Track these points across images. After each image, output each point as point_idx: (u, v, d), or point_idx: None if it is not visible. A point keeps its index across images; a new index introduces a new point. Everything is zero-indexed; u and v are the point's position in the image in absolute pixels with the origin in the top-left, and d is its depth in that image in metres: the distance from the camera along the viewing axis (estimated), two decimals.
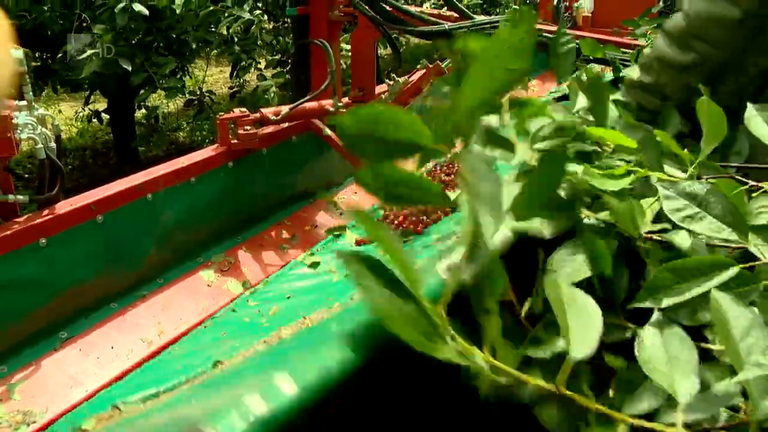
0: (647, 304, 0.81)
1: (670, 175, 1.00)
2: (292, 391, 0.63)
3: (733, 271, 0.80)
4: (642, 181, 0.99)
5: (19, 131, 2.02)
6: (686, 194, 0.90)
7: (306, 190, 3.01)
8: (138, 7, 3.96)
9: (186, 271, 2.46)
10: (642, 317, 0.79)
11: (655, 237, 0.90)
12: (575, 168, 0.95)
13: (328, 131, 2.88)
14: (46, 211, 2.08)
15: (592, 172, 0.93)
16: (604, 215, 0.91)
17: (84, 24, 4.42)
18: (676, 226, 0.89)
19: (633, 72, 1.58)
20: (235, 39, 5.14)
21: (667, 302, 0.80)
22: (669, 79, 1.50)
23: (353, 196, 3.20)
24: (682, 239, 0.88)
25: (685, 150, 1.07)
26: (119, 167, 5.19)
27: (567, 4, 5.89)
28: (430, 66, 2.94)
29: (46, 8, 4.39)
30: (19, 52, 2.08)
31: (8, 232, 1.98)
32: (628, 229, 0.88)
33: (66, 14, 4.50)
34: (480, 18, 2.59)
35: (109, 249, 2.20)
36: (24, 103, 2.08)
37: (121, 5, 3.97)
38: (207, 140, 6.04)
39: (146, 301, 2.29)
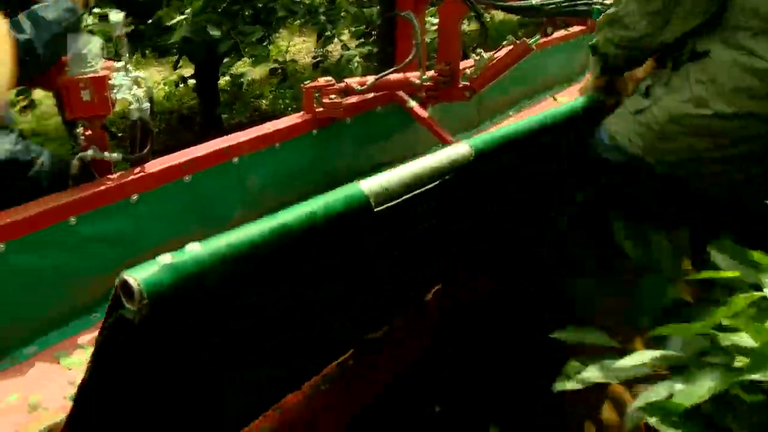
0: None
1: None
2: (196, 249, 0.87)
3: None
4: None
5: (114, 91, 2.08)
6: None
7: (388, 161, 3.02)
8: None
9: None
10: None
11: None
12: None
13: (412, 103, 2.88)
14: (137, 169, 2.15)
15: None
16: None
17: None
18: None
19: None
20: (320, 9, 5.16)
21: None
22: (635, 6, 1.69)
23: None
24: None
25: None
26: (203, 132, 5.30)
27: None
28: (517, 42, 2.90)
29: None
30: (118, 16, 2.15)
31: (102, 188, 2.05)
32: None
33: None
34: None
35: (196, 209, 2.26)
36: (120, 64, 2.14)
37: None
38: (289, 109, 6.10)
39: None
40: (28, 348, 1.98)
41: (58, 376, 1.92)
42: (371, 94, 2.82)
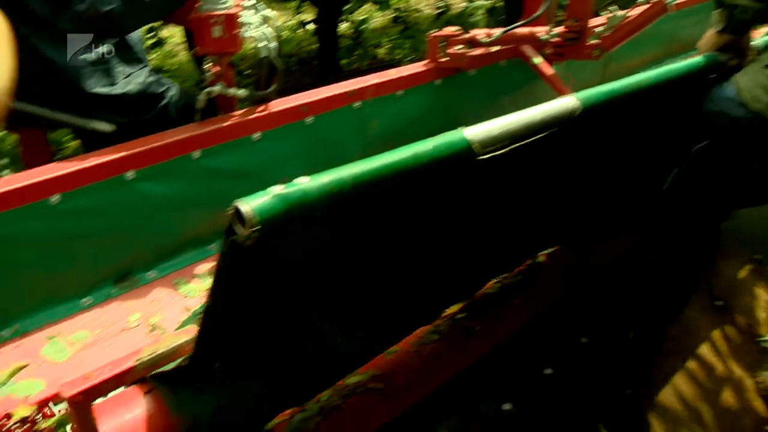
0: None
1: None
2: (305, 181, 0.93)
3: None
4: None
5: (244, 29, 2.11)
6: None
7: None
8: None
9: None
10: None
11: None
12: None
13: (537, 59, 2.80)
14: (261, 108, 2.18)
15: None
16: None
17: None
18: None
19: None
20: None
21: None
22: None
23: None
24: None
25: None
26: (321, 76, 5.33)
27: None
28: (653, 1, 2.76)
29: None
30: None
31: (227, 124, 2.09)
32: None
33: None
34: None
35: (316, 150, 2.28)
36: (250, 2, 2.16)
37: None
38: (407, 58, 6.07)
39: None
40: (149, 273, 2.06)
41: (176, 301, 2.00)
42: (496, 48, 2.76)
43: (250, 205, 0.89)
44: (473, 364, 1.79)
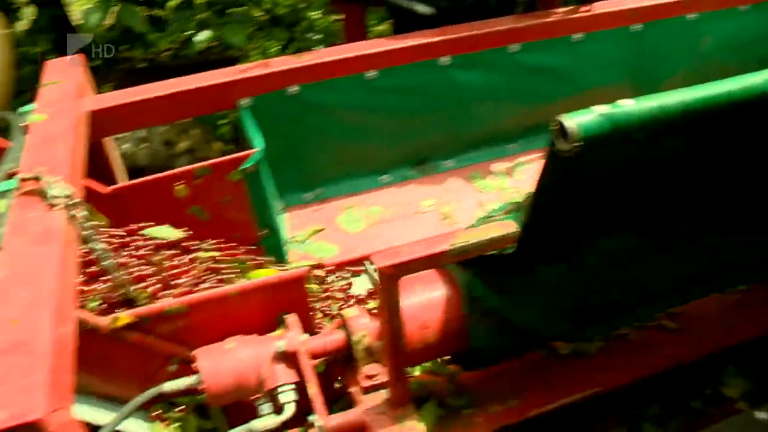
0: None
1: None
2: (630, 104, 0.92)
3: None
4: None
5: None
6: None
7: None
8: None
9: None
10: None
11: None
12: None
13: None
14: (586, 8, 2.04)
15: None
16: None
17: None
18: None
19: None
20: None
21: None
22: None
23: None
24: None
25: None
26: None
27: None
28: None
29: None
30: None
31: (548, 20, 1.99)
32: None
33: None
34: None
35: (636, 59, 2.11)
36: None
37: None
38: None
39: None
40: (446, 161, 2.06)
41: (470, 194, 2.00)
42: None
43: (574, 121, 0.90)
44: None
